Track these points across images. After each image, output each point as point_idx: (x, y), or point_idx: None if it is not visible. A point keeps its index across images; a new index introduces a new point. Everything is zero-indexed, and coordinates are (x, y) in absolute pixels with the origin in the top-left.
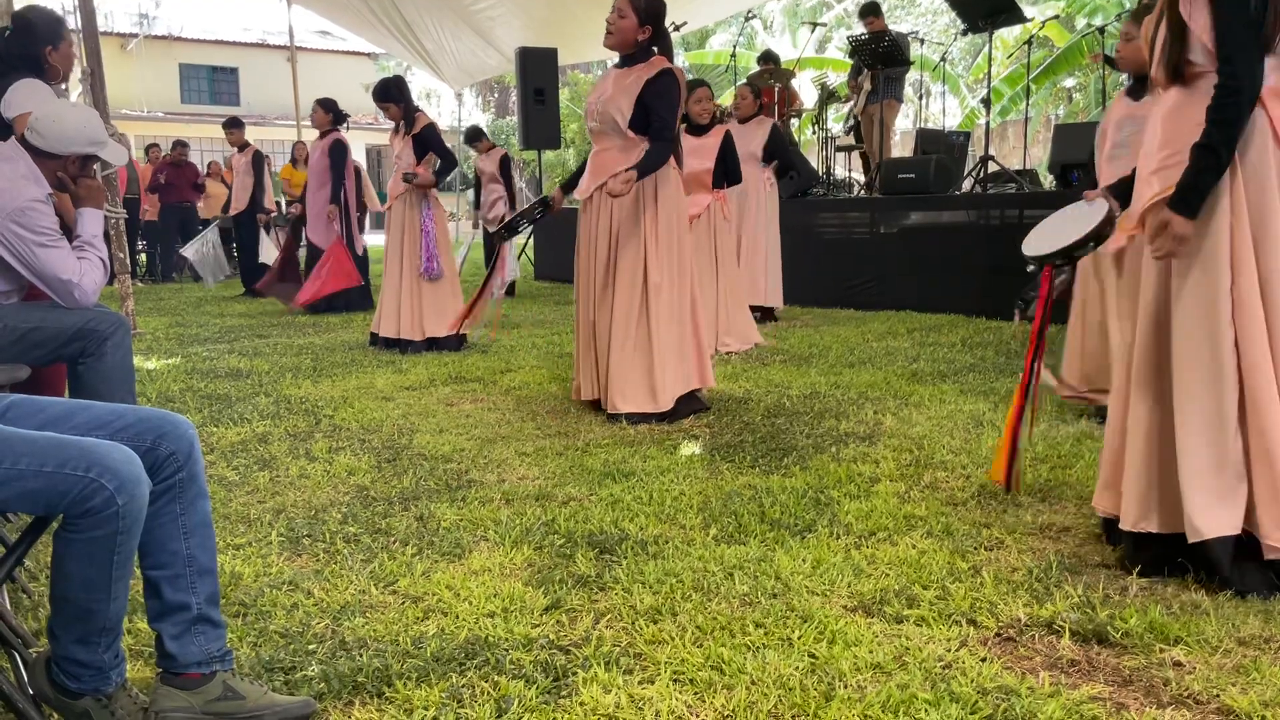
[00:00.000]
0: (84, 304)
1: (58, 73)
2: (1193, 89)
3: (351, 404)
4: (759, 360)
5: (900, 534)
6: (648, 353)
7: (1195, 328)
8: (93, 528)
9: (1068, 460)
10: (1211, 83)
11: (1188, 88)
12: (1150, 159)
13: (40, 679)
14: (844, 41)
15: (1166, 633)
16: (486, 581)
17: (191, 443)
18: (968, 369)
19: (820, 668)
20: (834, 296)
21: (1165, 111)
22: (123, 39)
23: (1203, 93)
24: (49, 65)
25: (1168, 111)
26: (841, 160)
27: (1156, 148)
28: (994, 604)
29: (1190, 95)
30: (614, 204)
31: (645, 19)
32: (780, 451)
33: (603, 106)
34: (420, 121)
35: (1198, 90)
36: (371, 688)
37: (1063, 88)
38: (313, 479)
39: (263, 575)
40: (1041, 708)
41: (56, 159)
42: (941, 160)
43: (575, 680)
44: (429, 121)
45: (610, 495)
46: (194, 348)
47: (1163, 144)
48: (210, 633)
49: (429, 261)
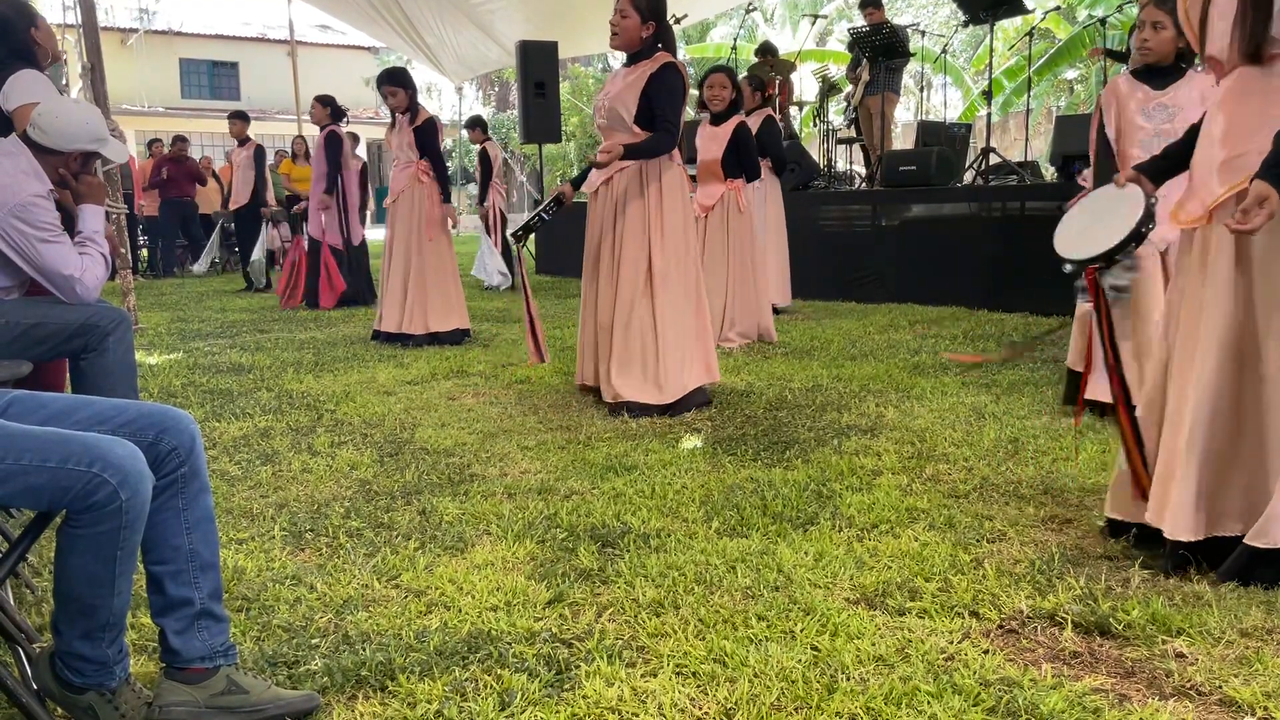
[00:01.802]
0: (86, 299)
1: (46, 53)
2: (1267, 70)
3: (353, 398)
4: (760, 353)
5: (902, 526)
6: (651, 340)
7: None
8: (96, 523)
9: (1070, 453)
10: None
11: (1261, 69)
12: (1216, 147)
13: (44, 674)
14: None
15: (1169, 624)
16: (489, 575)
17: (193, 438)
18: (969, 362)
19: (822, 660)
20: (835, 289)
21: (1235, 96)
22: (123, 34)
23: None
24: (38, 46)
25: (1234, 95)
26: (843, 153)
27: (1221, 137)
28: (996, 596)
29: (1263, 77)
30: (619, 196)
31: (648, 15)
32: (782, 444)
33: (610, 104)
34: (423, 116)
35: (1274, 72)
36: (375, 682)
37: (1064, 79)
38: (315, 473)
39: (265, 570)
40: (1044, 699)
41: (58, 155)
42: (943, 152)
43: (578, 673)
44: (431, 117)
45: (612, 489)
46: (195, 343)
47: (1229, 133)
48: (213, 627)
49: None
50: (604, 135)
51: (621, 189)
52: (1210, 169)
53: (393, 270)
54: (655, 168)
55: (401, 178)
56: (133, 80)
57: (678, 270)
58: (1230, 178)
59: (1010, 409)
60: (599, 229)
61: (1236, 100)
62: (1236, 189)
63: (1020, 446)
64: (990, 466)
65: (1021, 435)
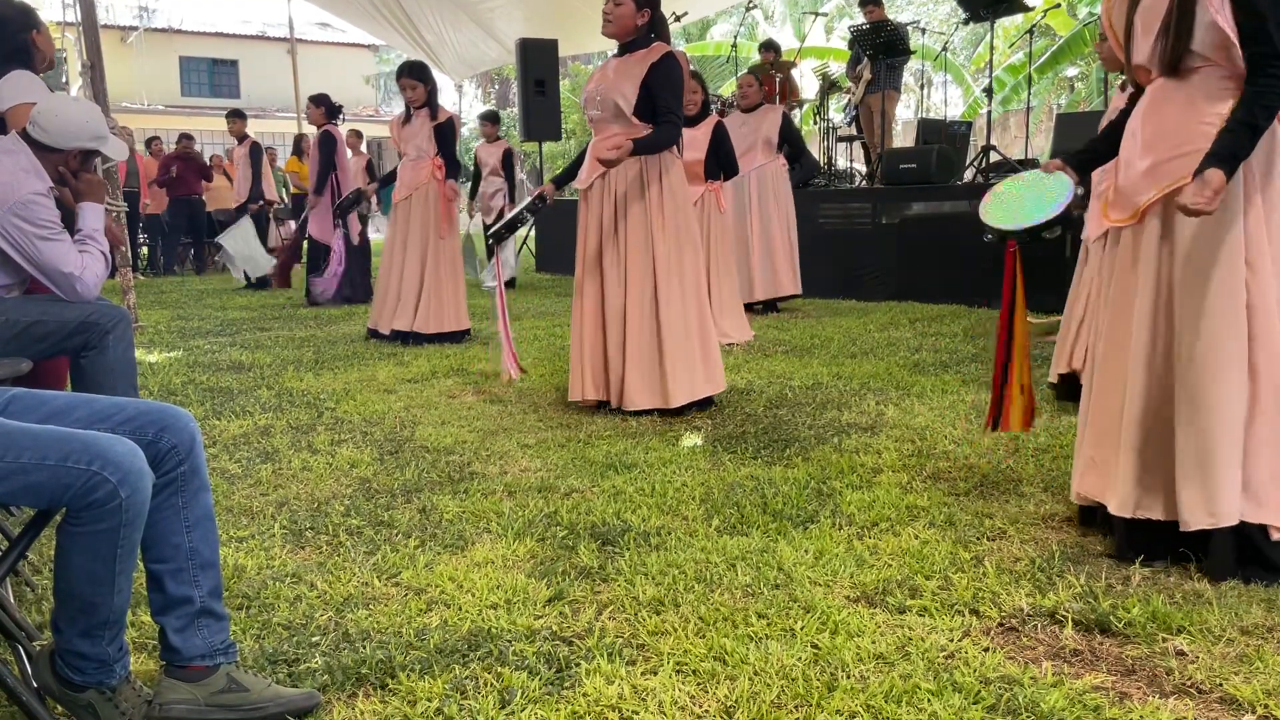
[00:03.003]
0: (86, 297)
1: (44, 57)
2: (1185, 83)
3: (353, 396)
4: (761, 351)
5: (902, 524)
6: (658, 349)
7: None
8: (96, 521)
9: (1069, 450)
10: (1212, 76)
11: (1179, 81)
12: (1140, 153)
13: (44, 672)
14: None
15: (1169, 622)
16: (489, 573)
17: (193, 436)
18: (970, 359)
19: (823, 658)
20: (836, 287)
21: (1152, 105)
22: (123, 32)
23: (1198, 87)
24: (37, 50)
25: (1156, 105)
26: (843, 151)
27: (1144, 144)
28: (996, 594)
29: (1182, 89)
30: (616, 192)
31: (643, 3)
32: (782, 442)
33: (604, 93)
34: (444, 114)
35: (1191, 84)
36: (375, 679)
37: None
38: (315, 471)
39: (266, 568)
40: (1044, 697)
41: (58, 153)
42: (943, 150)
43: (578, 671)
44: (452, 116)
45: (612, 487)
46: (195, 341)
47: (1154, 141)
48: (213, 625)
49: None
50: (595, 127)
51: (621, 187)
52: (1136, 173)
53: (399, 268)
54: (656, 164)
55: (413, 174)
56: (133, 78)
57: (683, 268)
58: (1157, 181)
59: None
60: (598, 228)
61: (1158, 109)
62: (1165, 191)
63: (1020, 444)
64: (990, 464)
65: (1021, 433)
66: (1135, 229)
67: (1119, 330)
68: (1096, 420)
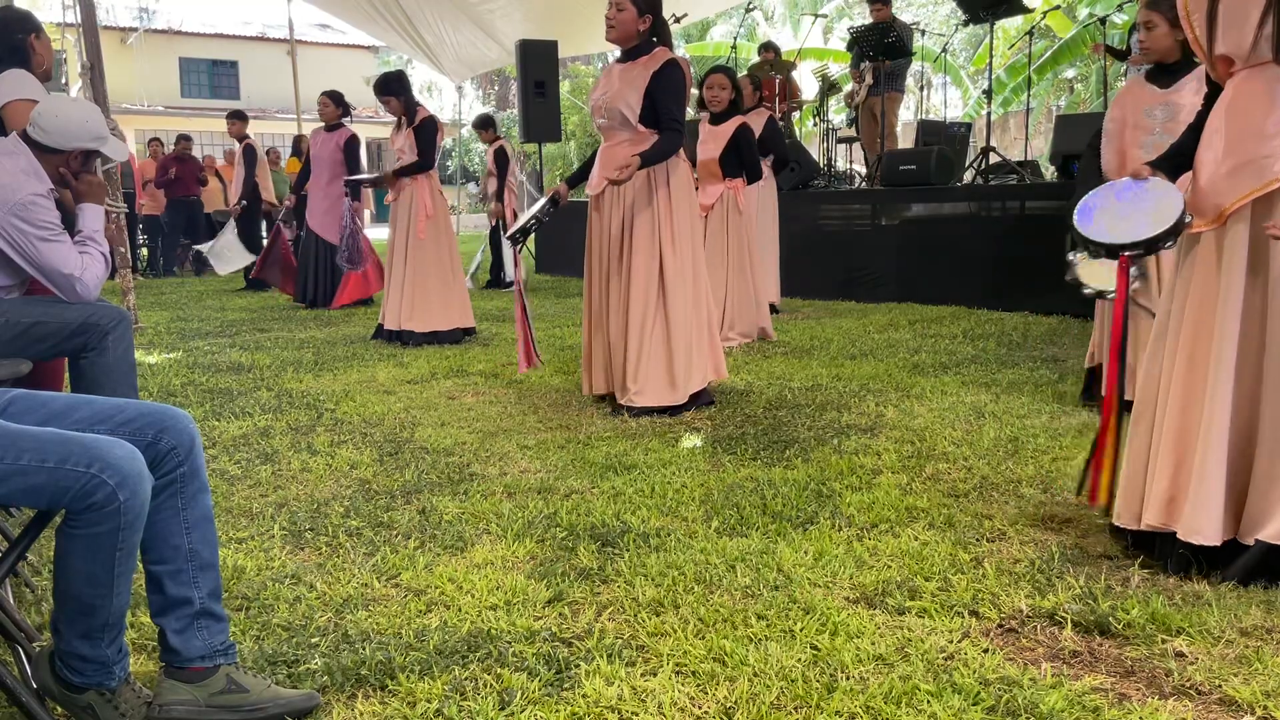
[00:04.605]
0: (86, 298)
1: (43, 61)
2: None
3: (353, 397)
4: (760, 352)
5: (902, 526)
6: (666, 345)
7: None
8: (95, 523)
9: (1069, 452)
10: None
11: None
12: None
13: (44, 673)
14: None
15: (1168, 623)
16: (489, 574)
17: (193, 437)
18: (969, 360)
19: (822, 659)
20: (835, 288)
21: (1237, 100)
22: (123, 33)
23: None
24: (35, 54)
25: (1241, 100)
26: (843, 152)
27: (1228, 142)
28: (996, 595)
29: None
30: (626, 198)
31: (645, 9)
32: (782, 444)
33: (610, 103)
34: (420, 115)
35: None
36: (374, 680)
37: (1064, 78)
38: (315, 473)
39: (265, 569)
40: (1043, 698)
41: (58, 154)
42: (943, 152)
43: (578, 672)
44: (428, 115)
45: (612, 488)
46: (195, 342)
47: (1241, 138)
48: (213, 627)
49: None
50: (604, 134)
51: (631, 193)
52: (1219, 172)
53: (394, 267)
54: (663, 169)
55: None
56: (132, 79)
57: (689, 268)
58: (1245, 181)
59: (1010, 408)
60: (608, 233)
61: (1244, 103)
62: (1256, 194)
63: (1020, 446)
64: (990, 466)
65: (1021, 434)
66: (1218, 233)
67: (1202, 345)
68: (1174, 444)
